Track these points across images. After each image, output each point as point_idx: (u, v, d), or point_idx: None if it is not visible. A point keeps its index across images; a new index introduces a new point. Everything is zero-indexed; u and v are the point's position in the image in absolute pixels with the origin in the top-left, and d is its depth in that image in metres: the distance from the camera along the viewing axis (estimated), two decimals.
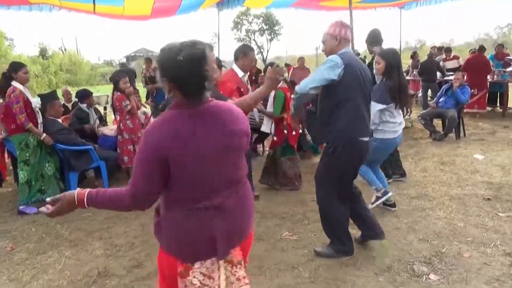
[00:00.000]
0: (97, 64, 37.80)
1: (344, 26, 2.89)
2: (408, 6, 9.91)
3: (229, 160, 1.52)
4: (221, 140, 1.46)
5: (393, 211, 3.76)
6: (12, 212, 4.32)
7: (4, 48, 20.31)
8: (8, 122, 4.23)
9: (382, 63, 3.52)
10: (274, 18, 41.67)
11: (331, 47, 2.88)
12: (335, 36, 2.85)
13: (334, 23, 2.91)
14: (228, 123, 1.49)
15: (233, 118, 1.54)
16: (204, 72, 1.41)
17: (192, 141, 1.41)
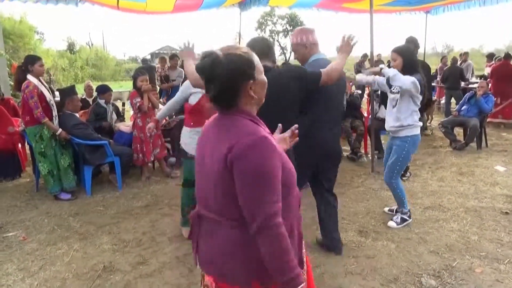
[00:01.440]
0: (122, 60, 38.54)
1: (308, 32, 2.95)
2: (435, 11, 9.66)
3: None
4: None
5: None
6: (28, 203, 4.43)
7: (34, 42, 20.88)
8: (24, 115, 4.34)
9: (399, 60, 3.39)
10: (299, 19, 41.50)
11: (302, 55, 2.96)
12: (304, 44, 2.92)
13: (298, 32, 2.98)
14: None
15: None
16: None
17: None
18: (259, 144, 1.25)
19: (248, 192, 1.25)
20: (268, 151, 1.25)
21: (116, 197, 4.55)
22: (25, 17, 18.82)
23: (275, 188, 1.26)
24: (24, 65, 4.30)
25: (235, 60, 1.30)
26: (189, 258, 3.09)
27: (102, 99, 5.54)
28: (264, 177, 1.24)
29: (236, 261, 1.33)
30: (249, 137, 1.26)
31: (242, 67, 1.30)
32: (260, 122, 1.37)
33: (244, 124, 1.31)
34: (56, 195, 4.46)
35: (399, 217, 3.61)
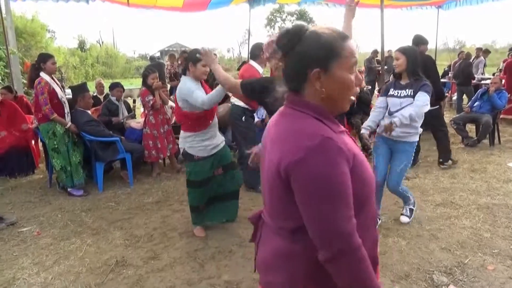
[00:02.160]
0: (132, 58, 38.77)
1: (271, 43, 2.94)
2: (447, 5, 9.55)
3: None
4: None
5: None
6: (41, 199, 4.51)
7: (45, 40, 21.12)
8: (37, 112, 4.41)
9: (403, 59, 3.29)
10: (308, 16, 41.28)
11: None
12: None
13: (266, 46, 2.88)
14: None
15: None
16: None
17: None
18: (320, 148, 1.02)
19: (312, 209, 1.03)
20: (332, 155, 1.02)
21: (128, 193, 4.60)
22: (37, 15, 19.04)
23: (347, 200, 1.03)
24: (37, 63, 4.36)
25: (312, 38, 1.10)
26: (199, 253, 3.12)
27: (113, 96, 5.59)
28: (331, 188, 1.01)
29: (280, 274, 1.18)
30: (309, 140, 1.03)
31: (314, 49, 1.09)
32: (330, 120, 1.12)
33: (306, 124, 1.09)
34: (69, 191, 4.53)
35: (407, 209, 3.59)
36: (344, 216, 1.02)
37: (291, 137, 1.08)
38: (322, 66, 1.08)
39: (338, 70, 1.08)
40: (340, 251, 1.02)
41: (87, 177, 4.82)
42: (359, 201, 1.08)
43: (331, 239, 1.02)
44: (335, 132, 1.09)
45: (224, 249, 3.16)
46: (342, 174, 1.02)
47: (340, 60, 1.08)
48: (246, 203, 4.15)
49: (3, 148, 5.26)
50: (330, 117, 1.13)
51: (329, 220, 1.01)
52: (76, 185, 4.54)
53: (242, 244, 3.24)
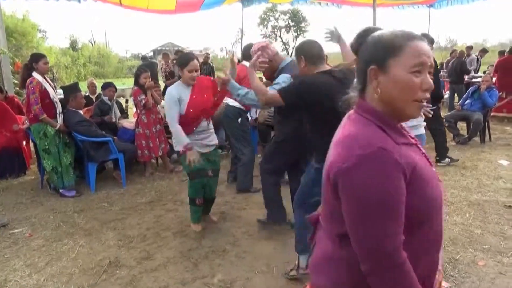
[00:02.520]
0: (125, 57, 38.59)
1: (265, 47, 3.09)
2: (438, 4, 9.63)
3: None
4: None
5: None
6: (33, 200, 4.47)
7: (37, 40, 20.93)
8: (28, 112, 4.37)
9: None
10: (301, 14, 41.37)
11: (271, 69, 3.13)
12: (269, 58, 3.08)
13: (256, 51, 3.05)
14: None
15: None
16: None
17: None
18: (371, 159, 0.96)
19: (355, 221, 1.00)
20: (383, 167, 0.96)
21: (120, 194, 4.58)
22: (28, 15, 18.84)
23: (395, 215, 0.97)
24: (29, 63, 4.34)
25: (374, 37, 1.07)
26: (193, 253, 3.11)
27: (106, 96, 5.56)
28: (378, 202, 0.96)
29: (325, 277, 1.16)
30: (361, 149, 0.98)
31: (372, 46, 1.06)
32: (393, 129, 1.05)
33: (364, 131, 1.03)
34: (61, 192, 4.50)
35: None
36: (390, 232, 0.97)
37: (346, 142, 1.03)
38: (379, 64, 1.03)
39: (396, 69, 1.01)
40: (381, 267, 0.98)
41: (79, 177, 4.80)
42: (416, 219, 1.01)
43: (373, 254, 0.98)
44: (397, 143, 1.01)
45: (218, 248, 3.16)
46: (393, 188, 0.96)
47: (399, 58, 1.01)
48: (240, 203, 4.16)
49: None
50: (392, 125, 1.06)
51: (371, 235, 0.97)
52: (66, 186, 4.51)
53: (236, 243, 3.25)
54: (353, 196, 0.98)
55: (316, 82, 2.37)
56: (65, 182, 4.52)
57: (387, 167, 0.96)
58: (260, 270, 2.84)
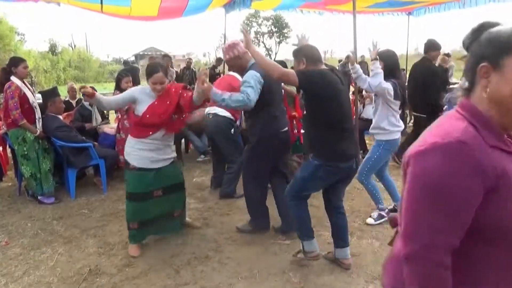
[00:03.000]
0: (106, 62, 38.12)
1: (236, 44, 3.22)
2: (417, 12, 9.84)
3: None
4: None
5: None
6: (10, 207, 4.35)
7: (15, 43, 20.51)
8: (6, 117, 4.27)
9: (382, 64, 3.44)
10: (284, 21, 41.71)
11: (240, 66, 3.26)
12: (238, 56, 3.20)
13: (228, 48, 3.23)
14: None
15: None
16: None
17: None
18: (447, 149, 0.91)
19: (410, 204, 0.97)
20: (457, 161, 0.90)
21: (101, 200, 4.51)
22: (5, 17, 18.47)
23: (451, 214, 0.91)
24: (8, 67, 4.24)
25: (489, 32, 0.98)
26: (175, 259, 3.08)
27: (86, 101, 5.48)
28: (437, 192, 0.91)
29: (388, 276, 1.14)
30: (438, 137, 0.94)
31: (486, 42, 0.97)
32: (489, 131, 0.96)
33: (451, 124, 0.97)
34: (40, 199, 4.40)
35: (377, 213, 3.69)
36: (437, 227, 0.92)
37: (431, 130, 1.00)
38: (492, 61, 0.94)
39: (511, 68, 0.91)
40: (412, 256, 0.95)
41: (58, 184, 4.70)
42: (502, 232, 0.94)
43: (409, 241, 0.95)
44: (487, 143, 0.93)
45: (200, 254, 3.14)
46: (458, 184, 0.90)
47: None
48: (223, 208, 4.14)
49: None
50: (490, 127, 0.96)
51: (418, 221, 0.94)
52: (45, 193, 4.40)
53: (218, 249, 3.23)
54: (416, 180, 0.95)
55: (328, 76, 2.60)
56: (44, 188, 4.42)
57: (460, 162, 0.90)
58: (243, 275, 2.84)
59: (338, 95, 2.61)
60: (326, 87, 2.55)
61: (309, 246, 2.85)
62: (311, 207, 3.32)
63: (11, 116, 4.13)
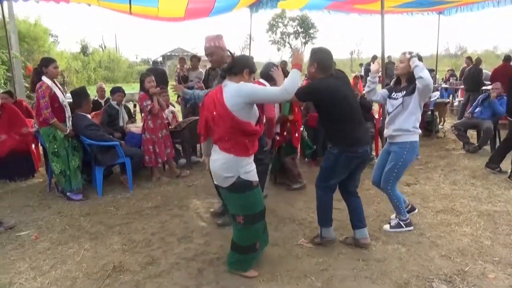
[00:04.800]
0: (135, 62, 38.91)
1: (222, 37, 3.31)
2: (448, 11, 9.55)
3: None
4: None
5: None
6: (41, 203, 4.49)
7: (48, 45, 21.20)
8: (38, 115, 4.40)
9: (406, 63, 3.31)
10: (310, 21, 41.42)
11: (221, 57, 3.32)
12: (222, 47, 3.32)
13: (215, 37, 3.30)
14: None
15: None
16: None
17: None
18: None
19: None
20: None
21: (127, 198, 4.59)
22: (40, 20, 19.12)
23: None
24: (39, 67, 4.37)
25: None
26: (198, 259, 3.09)
27: (114, 101, 5.60)
28: None
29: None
30: None
31: None
32: None
33: None
34: (68, 195, 4.52)
35: (396, 221, 3.54)
36: None
37: None
38: None
39: None
40: None
41: (86, 181, 4.82)
42: None
43: None
44: None
45: (223, 255, 3.13)
46: None
47: None
48: None
49: (3, 151, 5.26)
50: None
51: None
52: (74, 190, 4.52)
53: None
54: None
55: (331, 84, 2.94)
56: (72, 185, 4.54)
57: None
58: (264, 278, 2.81)
59: (346, 96, 2.98)
60: (333, 94, 2.90)
61: (326, 232, 3.21)
62: (335, 210, 3.28)
63: (42, 115, 4.26)
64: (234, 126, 2.55)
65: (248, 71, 2.69)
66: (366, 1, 7.15)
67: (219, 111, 2.57)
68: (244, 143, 2.61)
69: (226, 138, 2.59)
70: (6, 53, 9.20)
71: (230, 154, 2.59)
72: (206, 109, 2.71)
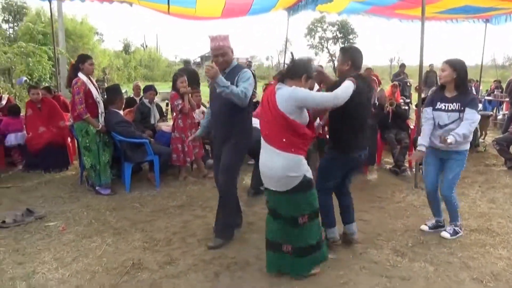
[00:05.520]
0: (174, 62, 39.77)
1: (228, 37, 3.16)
2: (497, 20, 9.07)
3: None
4: None
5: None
6: (71, 195, 4.64)
7: (93, 42, 22.11)
8: (73, 110, 4.55)
9: (449, 71, 3.26)
10: (350, 26, 40.76)
11: (229, 58, 3.19)
12: (231, 48, 3.19)
13: (225, 36, 3.13)
14: None
15: None
16: None
17: None
18: None
19: None
20: None
21: (153, 195, 4.64)
22: (87, 18, 19.96)
23: None
24: (76, 63, 4.52)
25: None
26: (215, 262, 3.06)
27: (146, 99, 5.70)
28: None
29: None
30: None
31: None
32: None
33: None
34: (97, 189, 4.63)
35: (453, 228, 3.54)
36: None
37: None
38: None
39: None
40: None
41: (115, 176, 4.92)
42: None
43: None
44: None
45: (241, 260, 3.09)
46: None
47: None
48: None
49: (41, 143, 5.49)
50: None
51: None
52: (103, 184, 4.63)
53: (260, 257, 3.14)
54: None
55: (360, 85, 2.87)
56: (102, 179, 4.65)
57: None
58: (281, 287, 2.73)
59: (365, 100, 3.02)
60: (356, 95, 2.80)
61: (331, 233, 3.25)
62: (360, 222, 3.16)
63: (77, 110, 4.39)
64: (288, 127, 2.60)
65: (306, 77, 2.70)
66: (407, 6, 6.90)
67: (273, 113, 2.62)
68: (299, 143, 2.64)
69: (283, 139, 2.61)
70: (52, 49, 9.62)
71: (291, 153, 2.61)
72: (263, 110, 2.78)
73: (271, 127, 2.66)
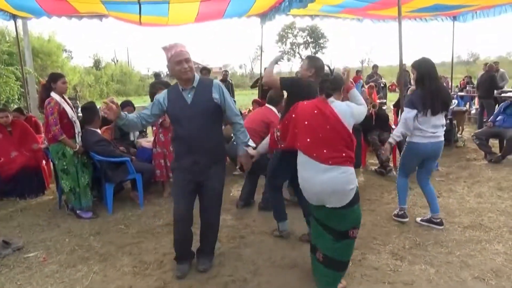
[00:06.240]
0: (146, 76, 39.25)
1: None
2: (464, 17, 9.33)
3: None
4: None
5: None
6: (50, 221, 4.38)
7: (62, 60, 21.50)
8: (47, 132, 4.32)
9: (415, 73, 3.58)
10: (320, 31, 41.46)
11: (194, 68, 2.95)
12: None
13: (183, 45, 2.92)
14: None
15: None
16: None
17: None
18: None
19: None
20: None
21: (138, 215, 4.45)
22: (54, 35, 19.41)
23: None
24: (48, 83, 4.30)
25: None
26: (212, 282, 2.92)
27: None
28: None
29: None
30: None
31: None
32: None
33: None
34: (78, 213, 4.40)
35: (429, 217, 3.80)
36: None
37: None
38: None
39: None
40: None
41: (96, 198, 4.70)
42: None
43: None
44: None
45: (238, 277, 2.96)
46: None
47: None
48: (261, 226, 3.96)
49: (14, 168, 5.19)
50: None
51: None
52: (84, 208, 4.41)
53: (257, 272, 3.04)
54: None
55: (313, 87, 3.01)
56: (82, 203, 4.42)
57: None
58: None
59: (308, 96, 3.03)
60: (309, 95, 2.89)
61: (282, 226, 3.64)
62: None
63: (51, 132, 4.17)
64: (349, 141, 2.61)
65: (343, 88, 2.86)
66: (382, 7, 6.98)
67: (337, 128, 2.58)
68: (352, 155, 2.63)
69: (343, 153, 2.57)
70: (19, 69, 9.25)
71: (348, 166, 2.58)
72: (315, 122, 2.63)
73: (333, 143, 2.57)
